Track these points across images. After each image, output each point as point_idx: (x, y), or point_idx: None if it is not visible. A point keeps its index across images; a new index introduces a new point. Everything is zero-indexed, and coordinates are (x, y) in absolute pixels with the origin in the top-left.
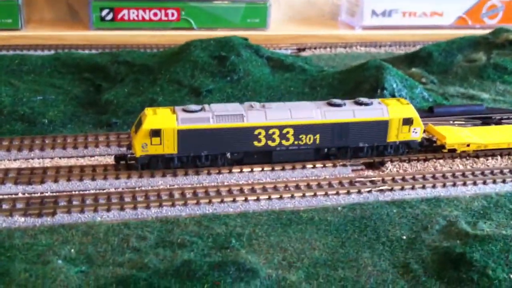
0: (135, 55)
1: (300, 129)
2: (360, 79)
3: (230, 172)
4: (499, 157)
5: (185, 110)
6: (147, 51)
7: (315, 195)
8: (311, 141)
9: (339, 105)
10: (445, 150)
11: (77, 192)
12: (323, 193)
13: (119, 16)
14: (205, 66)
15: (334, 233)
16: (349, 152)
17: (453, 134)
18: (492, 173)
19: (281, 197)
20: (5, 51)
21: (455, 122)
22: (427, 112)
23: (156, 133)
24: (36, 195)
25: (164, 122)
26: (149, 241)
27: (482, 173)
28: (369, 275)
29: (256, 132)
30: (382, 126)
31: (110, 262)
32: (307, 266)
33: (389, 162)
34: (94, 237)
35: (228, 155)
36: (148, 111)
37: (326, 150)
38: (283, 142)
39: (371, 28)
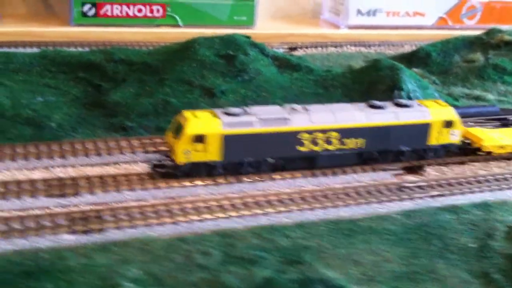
0: (129, 52)
1: (344, 133)
2: (374, 79)
3: (272, 179)
4: None
5: (226, 113)
6: (142, 49)
7: (368, 202)
8: (355, 145)
9: (380, 107)
10: (481, 153)
11: (118, 205)
12: (376, 200)
13: (102, 11)
14: (213, 65)
15: (400, 243)
16: (390, 156)
17: (487, 137)
18: None
19: (336, 206)
20: None
21: (475, 124)
22: None
23: (199, 138)
24: (74, 209)
25: (207, 126)
26: (215, 257)
27: None
28: (456, 287)
29: (300, 136)
30: (424, 129)
31: (182, 283)
32: (389, 279)
33: (427, 166)
34: (153, 254)
35: (270, 160)
36: (188, 114)
37: (367, 154)
38: (328, 146)
39: (356, 27)
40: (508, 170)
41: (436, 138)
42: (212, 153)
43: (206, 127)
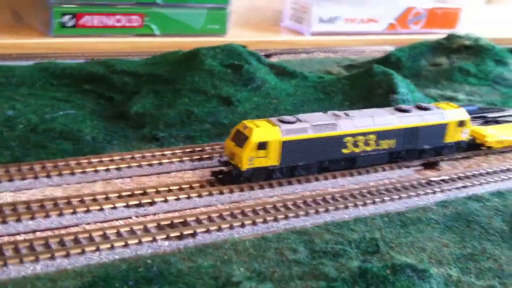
0: (128, 64)
1: (380, 135)
2: (371, 84)
3: (317, 179)
4: None
5: (281, 121)
6: (135, 59)
7: (409, 196)
8: (388, 146)
9: (408, 111)
10: (484, 148)
11: (194, 211)
12: (414, 194)
13: (81, 22)
14: (221, 74)
15: (447, 230)
16: (415, 154)
17: (488, 133)
18: None
19: (383, 201)
20: None
21: None
22: None
23: (263, 145)
24: (155, 217)
25: (269, 134)
26: (303, 253)
27: None
28: (508, 263)
29: (345, 139)
30: (442, 128)
31: (288, 276)
32: (453, 261)
33: (441, 161)
34: (247, 253)
35: (319, 163)
36: (250, 123)
37: (397, 153)
38: (366, 148)
39: (319, 34)
40: (508, 162)
41: (451, 136)
42: (272, 159)
43: (268, 135)
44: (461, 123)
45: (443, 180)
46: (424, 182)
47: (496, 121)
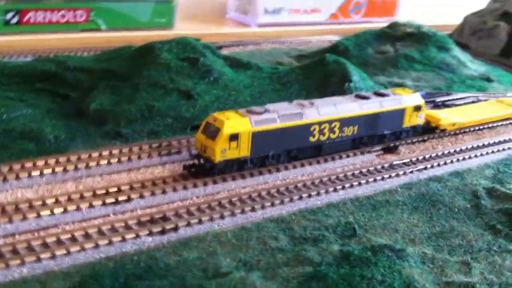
0: (78, 59)
1: (344, 122)
2: (325, 73)
3: (286, 168)
4: (469, 134)
5: (250, 112)
6: (85, 55)
7: (375, 180)
8: (351, 132)
9: (368, 98)
10: (438, 131)
11: (172, 206)
12: (379, 178)
13: (25, 19)
14: (178, 68)
15: (415, 210)
16: (375, 139)
17: (441, 117)
18: (486, 145)
19: (351, 186)
20: None
21: None
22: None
23: (234, 137)
24: (134, 213)
25: (240, 126)
26: (284, 240)
27: (484, 146)
28: (475, 239)
29: (312, 128)
30: (400, 113)
31: (274, 264)
32: (426, 239)
33: (400, 145)
34: (231, 244)
35: (287, 152)
36: (220, 116)
37: (359, 139)
38: (331, 135)
39: (265, 25)
40: (461, 144)
41: (408, 121)
42: (243, 150)
43: (239, 126)
44: (417, 108)
45: (405, 163)
46: (387, 166)
47: (444, 105)
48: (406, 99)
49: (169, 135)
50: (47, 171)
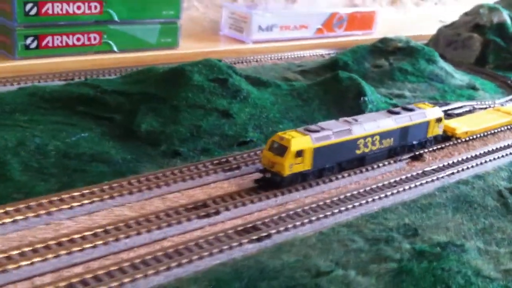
0: (108, 83)
1: (383, 135)
2: (340, 89)
3: (338, 179)
4: (477, 140)
5: (309, 130)
6: (112, 77)
7: (415, 186)
8: (388, 144)
9: (399, 113)
10: (453, 139)
11: (255, 215)
12: (419, 183)
13: (43, 43)
14: (211, 89)
15: (456, 211)
16: (406, 149)
17: (455, 126)
18: (495, 150)
19: (398, 192)
20: None
21: None
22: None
23: (299, 153)
24: (227, 225)
25: (303, 143)
26: (360, 242)
27: (493, 151)
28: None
29: (358, 142)
30: (425, 125)
31: (362, 263)
32: (474, 235)
33: (424, 154)
34: (317, 247)
35: (339, 164)
36: (285, 135)
37: (394, 149)
38: (372, 147)
39: (259, 41)
40: (473, 150)
41: (431, 131)
42: (306, 164)
43: (303, 144)
44: (438, 120)
45: (434, 170)
46: (421, 172)
47: (447, 115)
48: (429, 113)
49: (220, 152)
50: (135, 190)
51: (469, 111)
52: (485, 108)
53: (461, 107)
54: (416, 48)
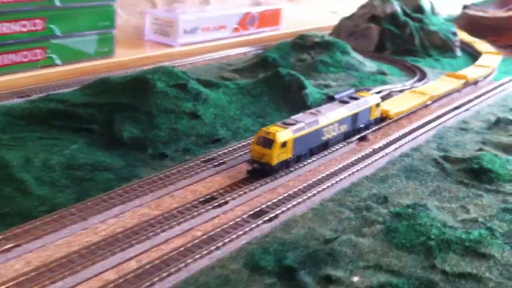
0: (73, 96)
1: (341, 122)
2: (284, 84)
3: (309, 163)
4: (404, 119)
5: (286, 124)
6: (70, 91)
7: (372, 162)
8: (344, 129)
9: (348, 102)
10: (387, 119)
11: (257, 200)
12: (374, 159)
13: None
14: (174, 94)
15: (409, 179)
16: (355, 132)
17: (388, 108)
18: (421, 125)
19: (361, 168)
20: None
21: None
22: (331, 99)
23: (284, 144)
24: (238, 212)
25: (286, 135)
26: (346, 212)
27: (420, 127)
28: (457, 191)
29: (324, 130)
30: (368, 110)
31: (356, 228)
32: (429, 196)
33: (367, 135)
34: (315, 220)
35: (310, 150)
36: (270, 129)
37: (347, 133)
38: (333, 133)
39: (185, 44)
40: (404, 128)
41: (372, 115)
42: (289, 153)
43: (286, 136)
44: (377, 105)
45: (381, 147)
46: (372, 151)
47: None
48: (370, 100)
49: (200, 150)
50: (148, 191)
51: (388, 94)
52: (400, 90)
53: (381, 91)
54: (331, 41)
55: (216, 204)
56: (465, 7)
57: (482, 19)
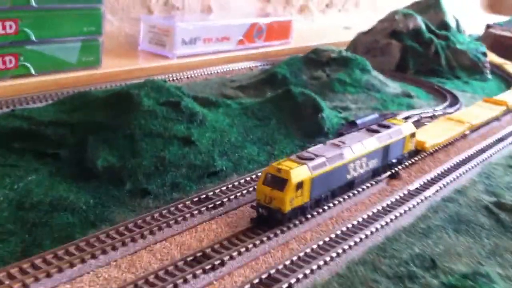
0: (43, 113)
1: (369, 157)
2: (295, 105)
3: (330, 207)
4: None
5: (302, 158)
6: (42, 106)
7: (409, 209)
8: (373, 165)
9: (378, 131)
10: (423, 152)
11: (261, 261)
12: (411, 205)
13: None
14: (164, 113)
15: (458, 233)
16: (386, 168)
17: (423, 140)
18: (462, 161)
19: (396, 217)
20: None
21: None
22: (352, 125)
23: (300, 185)
24: (233, 277)
25: (302, 173)
26: (383, 281)
27: (461, 163)
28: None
29: (349, 166)
30: (402, 142)
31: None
32: (487, 259)
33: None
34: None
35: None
36: (281, 165)
37: (377, 170)
38: (360, 170)
39: (183, 56)
40: (441, 165)
41: (406, 147)
42: (305, 196)
43: (302, 174)
44: (412, 135)
45: (418, 189)
46: (407, 193)
47: None
48: (404, 129)
49: (192, 186)
50: (118, 244)
51: (418, 121)
52: (431, 116)
53: (409, 117)
54: (349, 57)
55: (208, 267)
56: (488, 26)
57: (510, 39)
